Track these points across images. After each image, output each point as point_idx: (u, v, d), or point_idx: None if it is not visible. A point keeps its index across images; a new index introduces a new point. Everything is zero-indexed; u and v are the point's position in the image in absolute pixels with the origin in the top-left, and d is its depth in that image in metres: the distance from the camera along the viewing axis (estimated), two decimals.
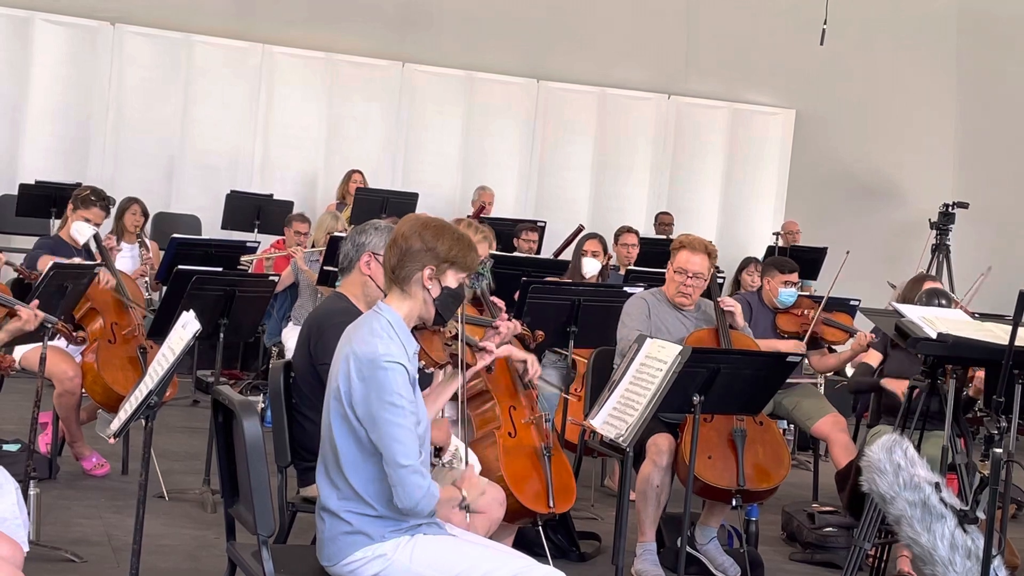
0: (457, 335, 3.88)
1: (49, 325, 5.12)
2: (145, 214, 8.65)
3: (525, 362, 4.64)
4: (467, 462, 3.82)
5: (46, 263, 6.32)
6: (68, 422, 6.18)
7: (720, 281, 6.98)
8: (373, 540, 3.36)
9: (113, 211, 7.81)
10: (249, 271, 8.47)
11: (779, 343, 6.61)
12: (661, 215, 12.50)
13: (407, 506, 3.31)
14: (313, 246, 8.69)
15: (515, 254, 9.31)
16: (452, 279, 3.47)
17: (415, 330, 3.55)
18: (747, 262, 9.66)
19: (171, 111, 11.62)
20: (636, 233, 9.37)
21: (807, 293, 10.66)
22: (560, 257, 9.75)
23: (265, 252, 9.30)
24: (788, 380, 6.60)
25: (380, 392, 3.28)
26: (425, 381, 4.34)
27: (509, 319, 4.75)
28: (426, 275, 3.43)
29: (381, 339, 3.34)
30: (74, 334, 5.47)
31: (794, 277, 6.81)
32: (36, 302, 5.07)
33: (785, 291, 6.74)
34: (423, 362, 3.83)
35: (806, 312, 6.81)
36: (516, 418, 4.75)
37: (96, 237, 6.61)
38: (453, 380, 3.90)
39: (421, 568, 3.35)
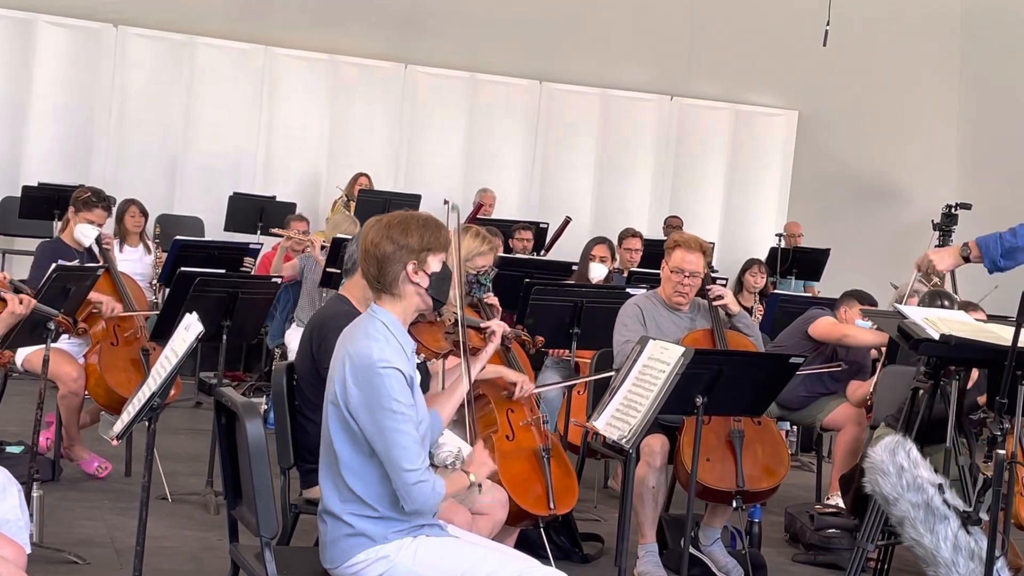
0: (457, 322, 3.87)
1: (52, 326, 5.12)
2: (144, 214, 8.64)
3: (515, 384, 4.66)
4: (471, 444, 3.79)
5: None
6: (69, 425, 6.18)
7: (722, 283, 6.97)
8: (375, 542, 3.36)
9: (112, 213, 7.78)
10: (252, 272, 8.46)
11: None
12: (670, 218, 12.46)
13: (414, 508, 3.33)
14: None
15: (516, 256, 9.31)
16: (435, 263, 3.47)
17: (414, 323, 3.55)
18: (750, 263, 9.65)
19: (174, 113, 11.63)
20: (640, 237, 9.36)
21: (811, 295, 10.68)
22: (552, 252, 9.77)
23: (284, 237, 9.25)
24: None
25: (378, 399, 3.28)
26: (425, 379, 4.34)
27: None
28: (410, 271, 3.43)
29: (376, 342, 3.33)
30: (76, 326, 5.43)
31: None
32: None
33: (862, 323, 6.74)
34: (423, 355, 3.82)
35: None
36: (514, 421, 4.75)
37: (96, 239, 6.59)
38: (462, 379, 3.90)
39: (424, 569, 3.35)
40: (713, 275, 5.83)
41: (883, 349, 6.73)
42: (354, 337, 3.41)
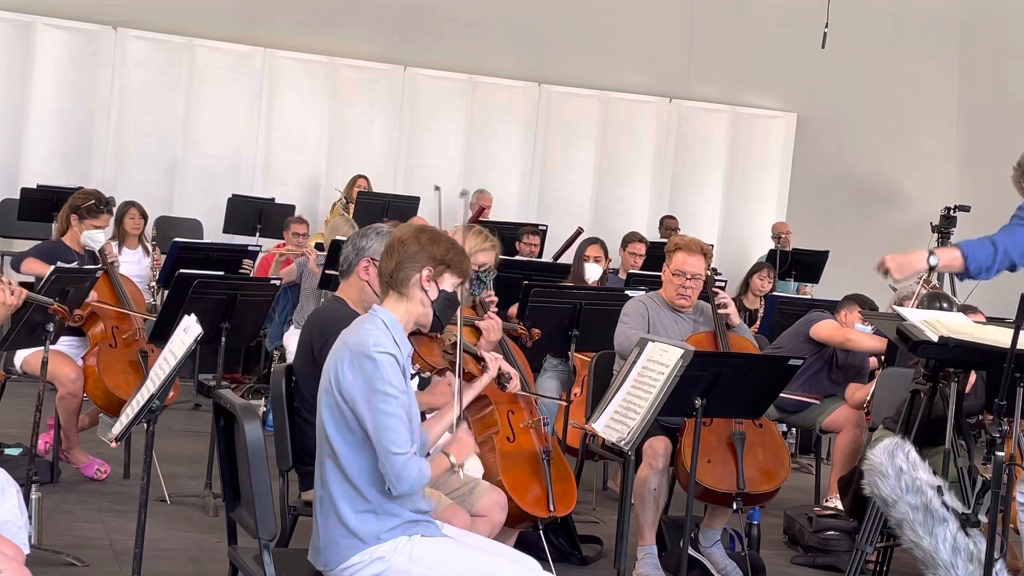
0: (455, 344, 3.89)
1: (51, 328, 5.11)
2: (144, 216, 8.64)
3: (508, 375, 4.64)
4: (455, 427, 3.79)
5: (30, 267, 6.30)
6: (67, 427, 6.17)
7: (722, 285, 6.96)
8: (368, 543, 3.37)
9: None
10: (251, 274, 8.46)
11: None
12: (667, 219, 12.45)
13: (402, 491, 3.34)
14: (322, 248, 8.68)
15: (516, 257, 9.30)
16: (449, 283, 3.53)
17: (412, 335, 3.56)
18: (759, 267, 9.62)
19: (173, 115, 11.62)
20: (644, 242, 9.33)
21: (806, 296, 10.67)
22: (560, 260, 9.74)
23: (278, 247, 9.25)
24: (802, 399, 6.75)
25: (371, 381, 3.31)
26: (423, 386, 4.34)
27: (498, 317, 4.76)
28: (424, 276, 3.48)
29: (372, 333, 3.38)
30: (72, 313, 5.37)
31: None
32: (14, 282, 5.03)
33: (861, 327, 6.75)
34: (419, 366, 3.83)
35: None
36: (515, 422, 4.75)
37: (100, 249, 6.55)
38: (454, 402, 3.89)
39: (421, 569, 3.36)
40: (716, 277, 5.82)
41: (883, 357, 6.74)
42: (352, 331, 3.46)
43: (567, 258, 9.69)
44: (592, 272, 7.60)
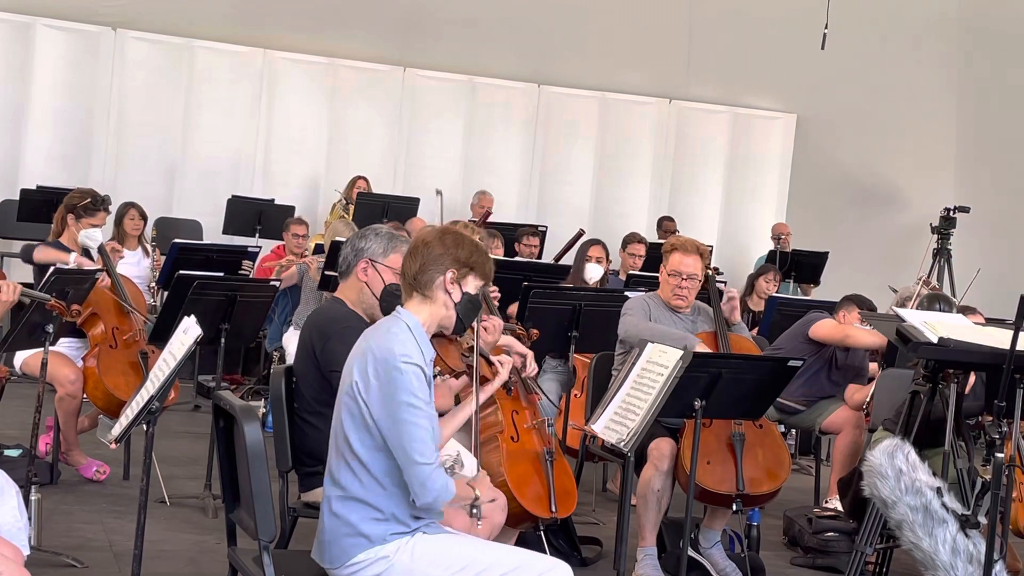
0: (472, 347, 3.91)
1: (50, 329, 5.11)
2: (144, 217, 8.63)
3: (524, 357, 4.65)
4: (479, 468, 3.84)
5: (45, 255, 6.29)
6: (66, 429, 6.17)
7: (722, 284, 6.96)
8: (374, 543, 3.38)
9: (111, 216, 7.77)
10: (250, 275, 8.45)
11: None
12: (665, 221, 12.43)
13: (425, 502, 3.34)
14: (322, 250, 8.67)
15: (516, 259, 9.30)
16: (472, 285, 3.54)
17: (433, 338, 3.58)
18: (766, 269, 9.59)
19: (173, 116, 11.61)
20: (644, 243, 9.31)
21: (810, 298, 10.68)
22: (561, 261, 9.75)
23: (277, 258, 9.25)
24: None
25: (396, 392, 3.31)
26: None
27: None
28: (448, 278, 3.49)
29: (398, 340, 3.38)
30: (70, 308, 5.37)
31: None
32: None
33: (860, 328, 6.76)
34: (439, 368, 3.84)
35: None
36: (519, 423, 4.76)
37: (99, 247, 6.54)
38: (470, 402, 3.92)
39: (423, 566, 3.37)
40: (717, 277, 5.83)
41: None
42: (376, 333, 3.46)
43: (568, 259, 9.71)
44: (593, 272, 7.64)
